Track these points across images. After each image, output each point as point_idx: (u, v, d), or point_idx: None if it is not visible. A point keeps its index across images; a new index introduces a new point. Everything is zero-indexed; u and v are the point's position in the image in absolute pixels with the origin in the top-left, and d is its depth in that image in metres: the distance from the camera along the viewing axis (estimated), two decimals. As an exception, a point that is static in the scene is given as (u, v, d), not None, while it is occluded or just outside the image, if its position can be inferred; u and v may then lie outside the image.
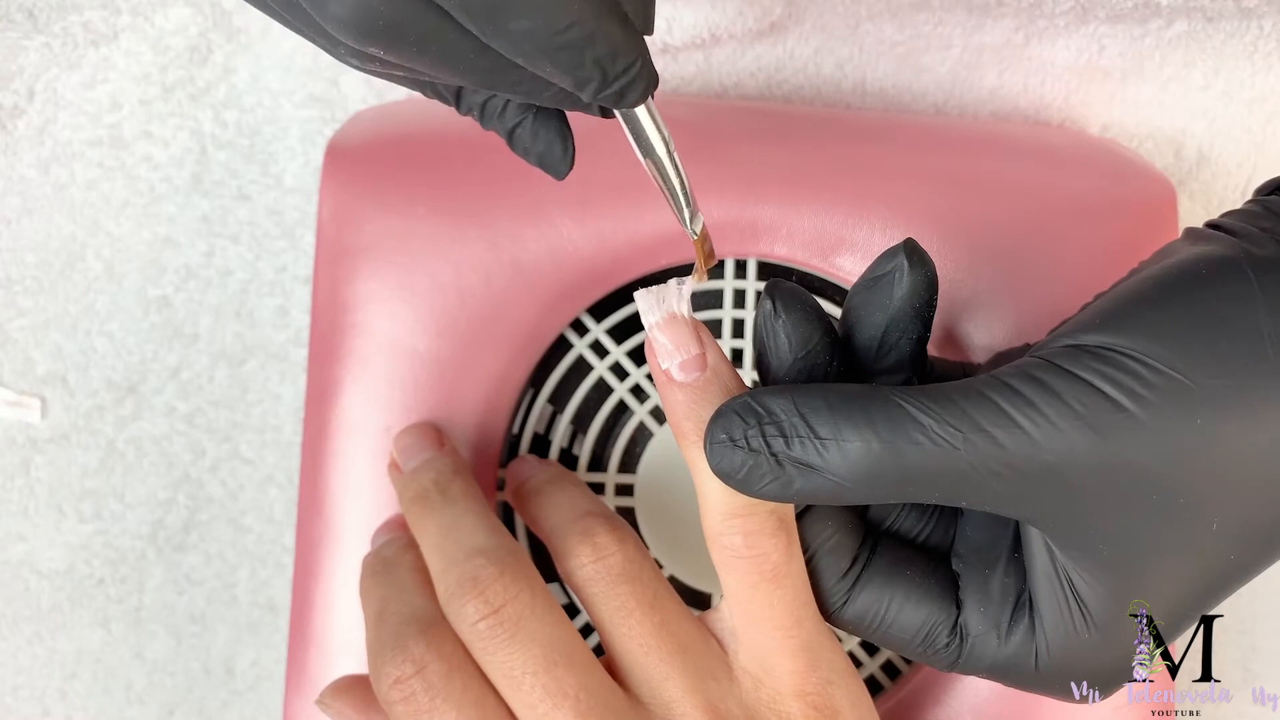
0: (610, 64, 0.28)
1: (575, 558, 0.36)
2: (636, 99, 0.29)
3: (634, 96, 0.29)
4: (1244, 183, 0.49)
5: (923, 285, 0.33)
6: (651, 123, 0.32)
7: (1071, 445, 0.30)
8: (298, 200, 0.49)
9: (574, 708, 0.33)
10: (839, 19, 0.47)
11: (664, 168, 0.33)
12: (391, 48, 0.27)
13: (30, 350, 0.49)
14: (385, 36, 0.27)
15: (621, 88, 0.28)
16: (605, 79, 0.28)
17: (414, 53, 0.28)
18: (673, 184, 0.33)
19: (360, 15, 0.27)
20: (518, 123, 0.33)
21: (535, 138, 0.33)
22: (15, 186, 0.49)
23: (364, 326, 0.42)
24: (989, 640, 0.34)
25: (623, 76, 0.28)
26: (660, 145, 0.32)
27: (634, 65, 0.28)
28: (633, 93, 0.29)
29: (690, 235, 0.34)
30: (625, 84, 0.28)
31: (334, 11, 0.27)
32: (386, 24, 0.27)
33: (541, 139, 0.33)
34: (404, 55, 0.28)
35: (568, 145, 0.33)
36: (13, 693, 0.49)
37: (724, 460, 0.31)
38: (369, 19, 0.27)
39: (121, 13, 0.48)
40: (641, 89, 0.29)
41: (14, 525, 0.49)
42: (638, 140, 0.32)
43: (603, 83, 0.28)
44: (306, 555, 0.43)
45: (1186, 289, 0.31)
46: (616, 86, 0.28)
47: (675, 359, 0.33)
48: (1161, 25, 0.46)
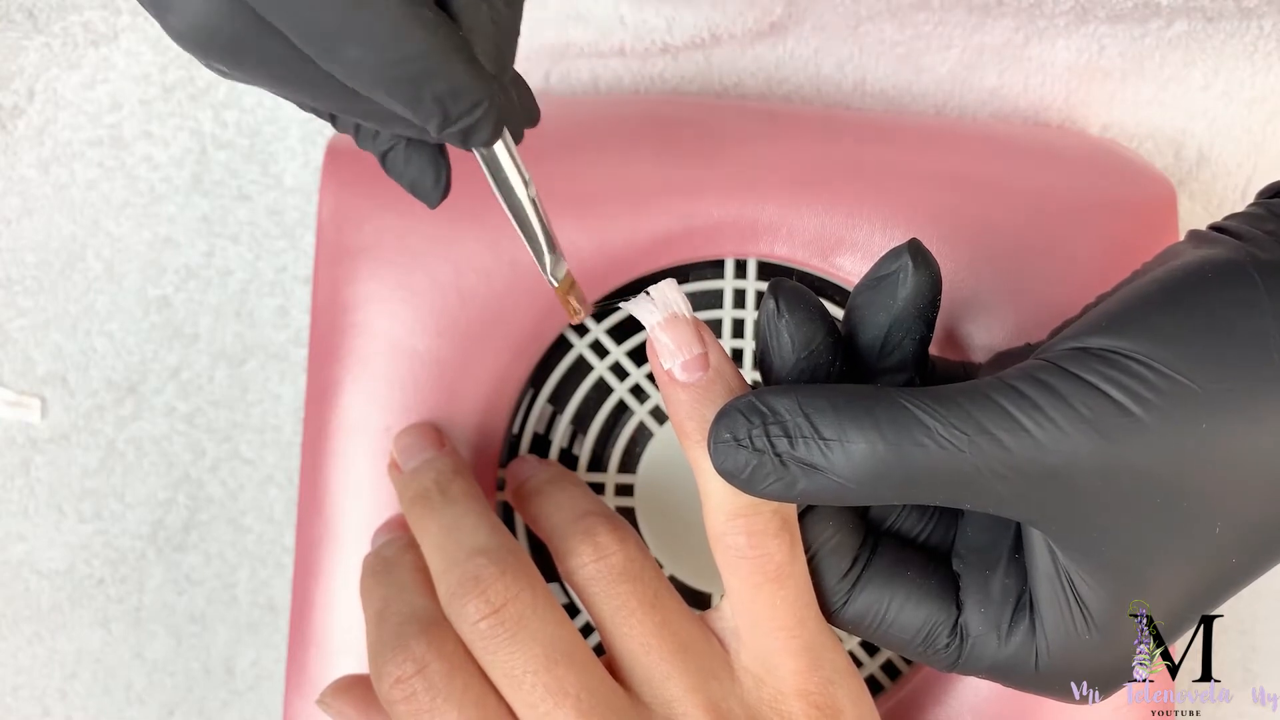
0: (451, 103, 0.27)
1: (576, 557, 0.36)
2: (484, 140, 0.29)
3: (480, 138, 0.28)
4: (1244, 183, 0.49)
5: (927, 286, 0.33)
6: (511, 163, 0.31)
7: (1076, 448, 0.30)
8: (298, 200, 0.49)
9: (575, 707, 0.33)
10: (839, 19, 0.47)
11: (522, 211, 0.32)
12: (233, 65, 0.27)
13: (30, 350, 0.49)
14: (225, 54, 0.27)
15: (465, 128, 0.28)
16: (447, 117, 0.28)
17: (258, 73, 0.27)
18: (532, 228, 0.32)
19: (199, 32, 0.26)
20: (390, 147, 0.33)
21: (408, 163, 0.33)
22: (15, 186, 0.49)
23: (364, 326, 0.42)
24: (989, 641, 0.34)
25: (466, 116, 0.28)
26: (520, 187, 0.31)
27: (479, 106, 0.28)
28: (479, 134, 0.28)
29: (550, 283, 0.33)
30: (469, 125, 0.28)
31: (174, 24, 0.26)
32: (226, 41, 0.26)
33: (414, 165, 0.33)
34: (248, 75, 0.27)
35: (440, 173, 0.33)
36: (13, 693, 0.49)
37: (728, 460, 0.31)
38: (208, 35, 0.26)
39: (121, 13, 0.48)
40: (489, 131, 0.28)
41: (14, 525, 0.49)
42: (496, 180, 0.31)
43: (444, 120, 0.28)
44: (306, 555, 0.43)
45: (1192, 292, 0.31)
46: (460, 126, 0.28)
47: (678, 359, 0.33)
48: (1161, 25, 0.46)
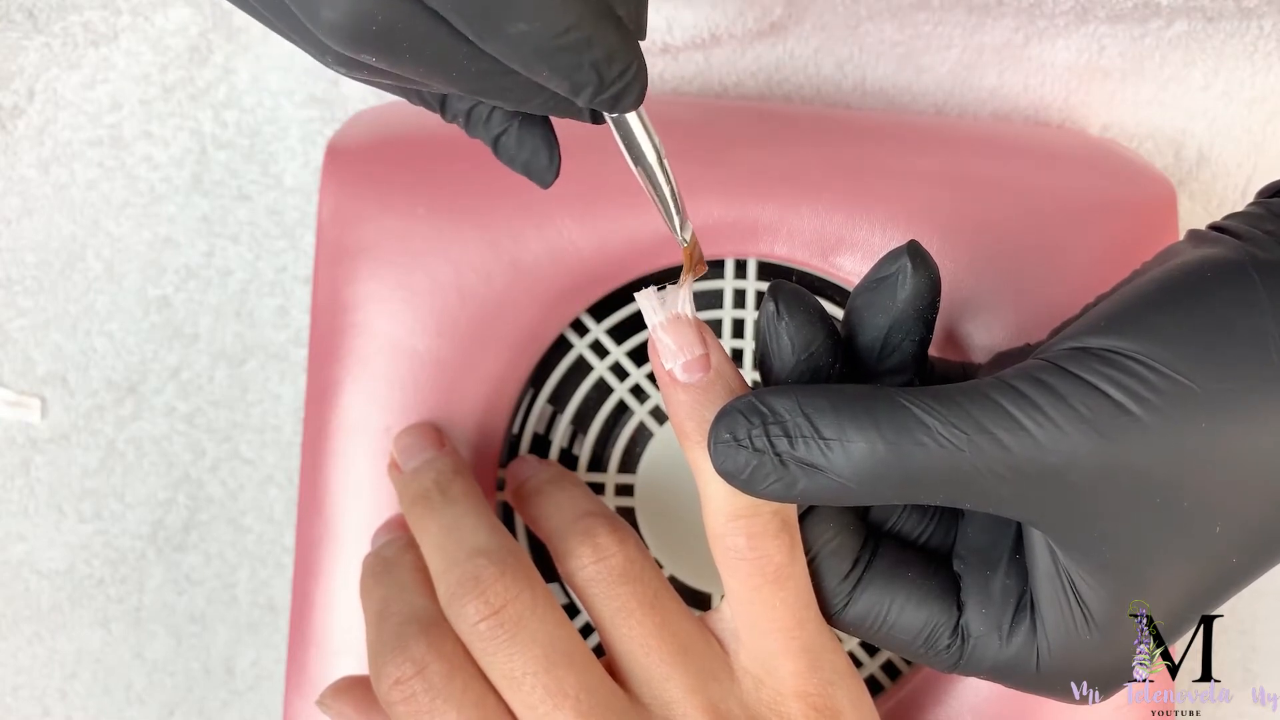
0: (607, 68, 0.27)
1: (576, 558, 0.36)
2: (632, 103, 0.29)
3: (629, 101, 0.29)
4: (1244, 183, 0.49)
5: (926, 288, 0.33)
6: (643, 129, 0.32)
7: (1076, 448, 0.30)
8: (298, 200, 0.49)
9: (574, 708, 0.33)
10: (839, 19, 0.47)
11: (655, 175, 0.32)
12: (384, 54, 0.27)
13: (30, 350, 0.49)
14: (378, 42, 0.27)
15: (618, 92, 0.28)
16: (602, 83, 0.28)
17: (407, 59, 0.27)
18: (663, 191, 0.33)
19: (353, 21, 0.26)
20: (503, 130, 0.33)
21: (521, 145, 0.33)
22: (15, 186, 0.49)
23: (364, 326, 0.42)
24: (990, 641, 0.34)
25: (619, 81, 0.28)
26: (651, 152, 0.32)
27: (630, 69, 0.28)
28: (628, 97, 0.28)
29: (680, 243, 0.34)
30: (621, 88, 0.28)
31: (326, 17, 0.26)
32: (380, 30, 0.26)
33: (527, 146, 0.33)
34: (396, 62, 0.27)
35: (553, 153, 0.33)
36: (13, 693, 0.49)
37: (728, 460, 0.31)
38: (362, 24, 0.26)
39: (121, 13, 0.48)
40: (637, 93, 0.29)
41: (14, 525, 0.49)
42: (629, 147, 0.32)
43: (599, 87, 0.28)
44: (306, 555, 0.43)
45: (1191, 292, 0.31)
46: (613, 90, 0.28)
47: (679, 359, 0.33)
48: (1161, 25, 0.46)
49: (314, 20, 0.26)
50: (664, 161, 0.32)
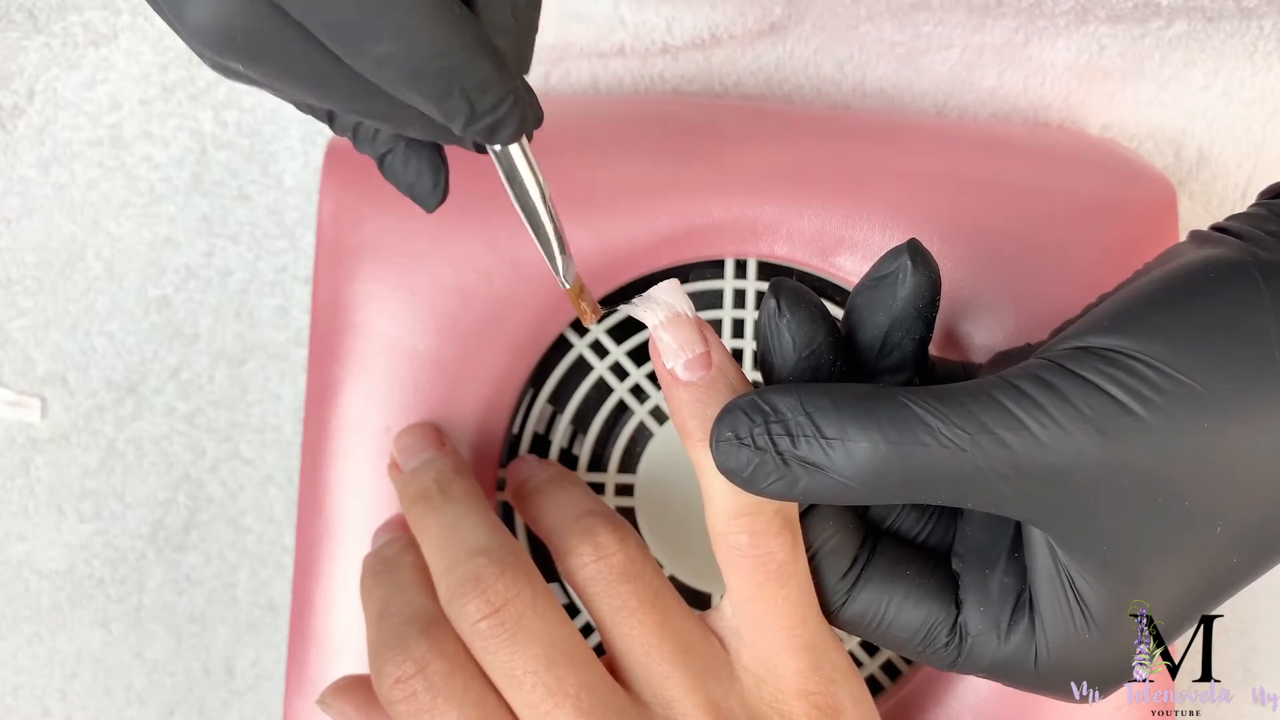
0: (479, 97, 0.27)
1: (576, 557, 0.36)
2: (509, 136, 0.29)
3: (506, 134, 0.28)
4: (1244, 183, 0.49)
5: (926, 286, 0.33)
6: (525, 164, 0.31)
7: (1078, 448, 0.30)
8: (298, 200, 0.49)
9: (575, 707, 0.33)
10: (839, 19, 0.47)
11: (537, 213, 0.32)
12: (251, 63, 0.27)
13: (30, 350, 0.49)
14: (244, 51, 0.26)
15: (492, 124, 0.28)
16: (474, 113, 0.28)
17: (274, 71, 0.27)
18: (545, 231, 0.32)
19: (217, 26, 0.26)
20: (388, 150, 0.33)
21: (406, 167, 0.33)
22: (15, 186, 0.49)
23: (364, 326, 0.42)
24: (989, 640, 0.34)
25: (492, 112, 0.28)
26: (534, 189, 0.31)
27: (504, 101, 0.28)
28: (504, 130, 0.28)
29: (563, 285, 0.33)
30: (495, 120, 0.28)
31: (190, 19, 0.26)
32: (245, 38, 0.26)
33: (412, 168, 0.33)
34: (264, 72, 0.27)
35: (439, 177, 0.33)
36: (13, 693, 0.49)
37: (730, 458, 0.31)
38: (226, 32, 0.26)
39: (121, 13, 0.48)
40: (514, 127, 0.28)
41: (14, 525, 0.49)
42: (510, 181, 0.31)
43: (470, 117, 0.28)
44: (306, 555, 0.43)
45: (1194, 293, 0.31)
46: (486, 121, 0.28)
47: (680, 358, 0.33)
48: (1161, 25, 0.46)
49: (180, 21, 0.26)
50: (547, 199, 0.32)
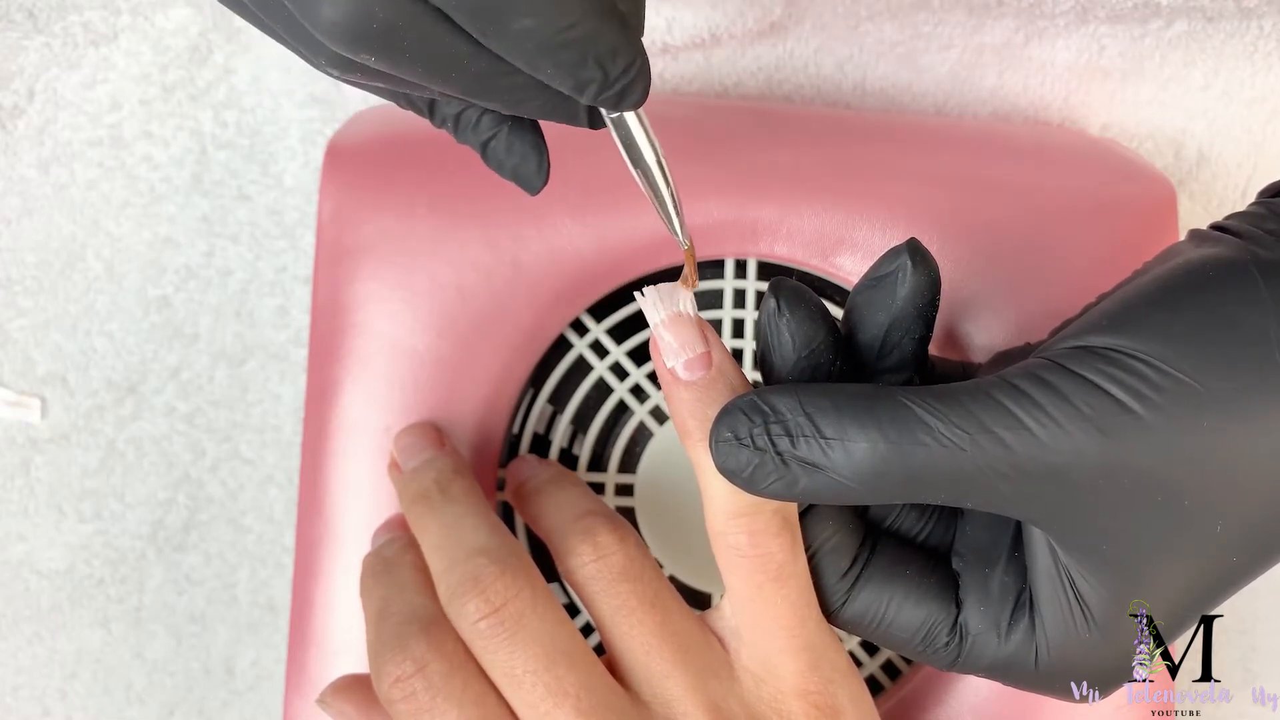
0: (611, 63, 0.27)
1: (576, 557, 0.36)
2: (637, 100, 0.29)
3: (634, 98, 0.28)
4: (1244, 183, 0.49)
5: (926, 285, 0.33)
6: (642, 130, 0.31)
7: (1078, 447, 0.30)
8: (298, 200, 0.49)
9: (575, 706, 0.33)
10: (839, 19, 0.47)
11: (654, 178, 0.32)
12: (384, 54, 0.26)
13: (30, 350, 0.49)
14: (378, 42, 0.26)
15: (622, 89, 0.28)
16: (606, 79, 0.27)
17: (406, 60, 0.27)
18: (663, 194, 0.32)
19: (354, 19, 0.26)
20: (492, 135, 0.33)
21: (510, 151, 0.33)
22: (15, 186, 0.49)
23: (364, 326, 0.42)
24: (989, 639, 0.34)
25: (623, 77, 0.28)
26: (650, 154, 0.32)
27: (634, 65, 0.28)
28: (633, 94, 0.28)
29: (681, 244, 0.34)
30: (626, 84, 0.28)
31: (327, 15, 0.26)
32: (380, 28, 0.26)
33: (516, 152, 0.33)
34: (395, 62, 0.27)
35: (543, 159, 0.33)
36: (13, 693, 0.49)
37: (729, 459, 0.31)
38: (363, 23, 0.26)
39: (121, 13, 0.48)
40: (641, 90, 0.28)
41: (14, 525, 0.49)
42: (628, 149, 0.32)
43: (603, 84, 0.28)
44: (306, 555, 0.43)
45: (1194, 291, 0.31)
46: (618, 87, 0.28)
47: (680, 357, 0.33)
48: (1161, 25, 0.46)
49: (314, 19, 0.26)
50: (664, 163, 0.32)
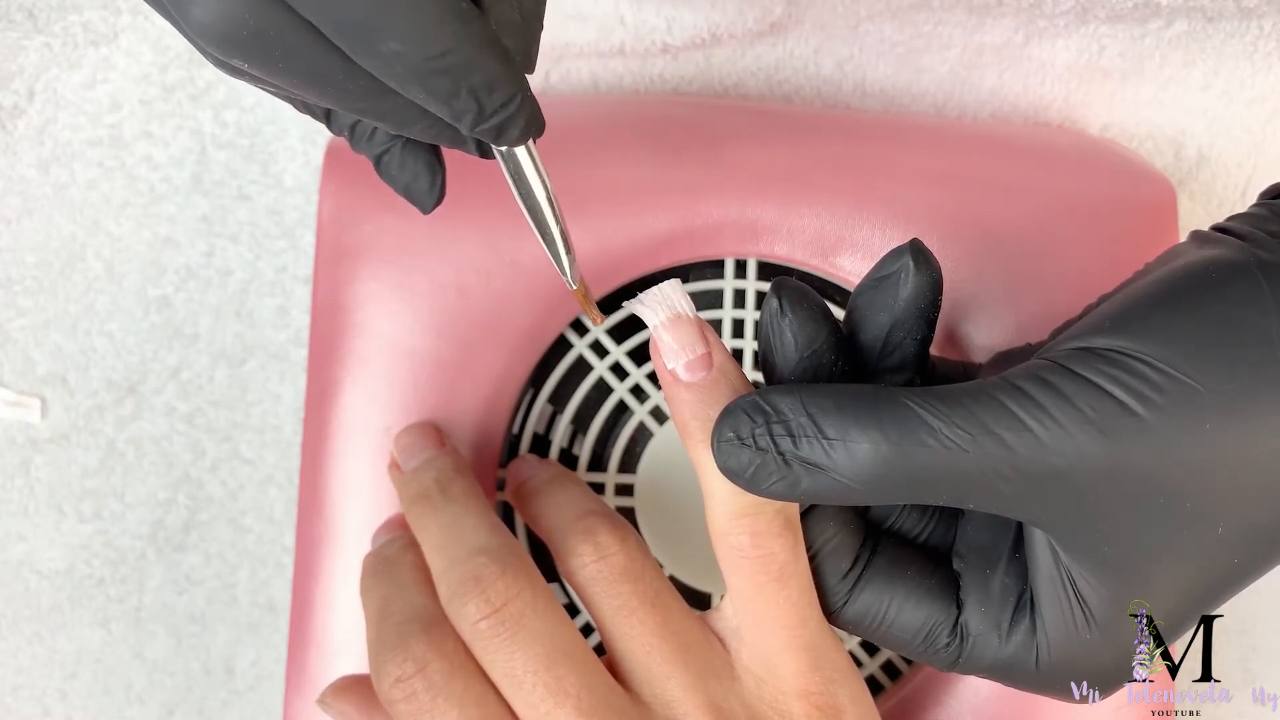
0: (487, 96, 0.27)
1: (577, 557, 0.36)
2: (516, 137, 0.28)
3: (513, 134, 0.28)
4: (1244, 183, 0.49)
5: (928, 286, 0.33)
6: (532, 166, 0.31)
7: (1080, 448, 0.30)
8: (298, 200, 0.49)
9: (575, 706, 0.33)
10: (839, 19, 0.47)
11: (543, 216, 0.32)
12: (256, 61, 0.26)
13: (30, 350, 0.49)
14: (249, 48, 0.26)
15: (500, 123, 0.28)
16: (481, 112, 0.27)
17: (280, 69, 0.27)
18: (551, 233, 0.32)
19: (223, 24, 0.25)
20: (385, 150, 0.33)
21: (402, 167, 0.33)
22: (15, 186, 0.49)
23: (364, 326, 0.42)
24: (989, 640, 0.34)
25: (501, 111, 0.27)
26: (540, 190, 0.31)
27: (513, 100, 0.27)
28: (512, 129, 0.28)
29: (569, 285, 0.33)
30: (504, 119, 0.28)
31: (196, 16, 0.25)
32: (251, 35, 0.26)
33: (409, 169, 0.33)
34: (269, 70, 0.27)
35: (436, 178, 0.33)
36: (13, 693, 0.49)
37: (731, 459, 0.31)
38: (233, 29, 0.25)
39: (121, 13, 0.48)
40: (521, 126, 0.28)
41: (14, 525, 0.49)
42: (516, 184, 0.31)
43: (479, 116, 0.27)
44: (306, 555, 0.43)
45: (1196, 293, 0.31)
46: (495, 121, 0.28)
47: (681, 359, 0.33)
48: (1161, 25, 0.46)
49: (185, 18, 0.26)
50: (554, 201, 0.31)
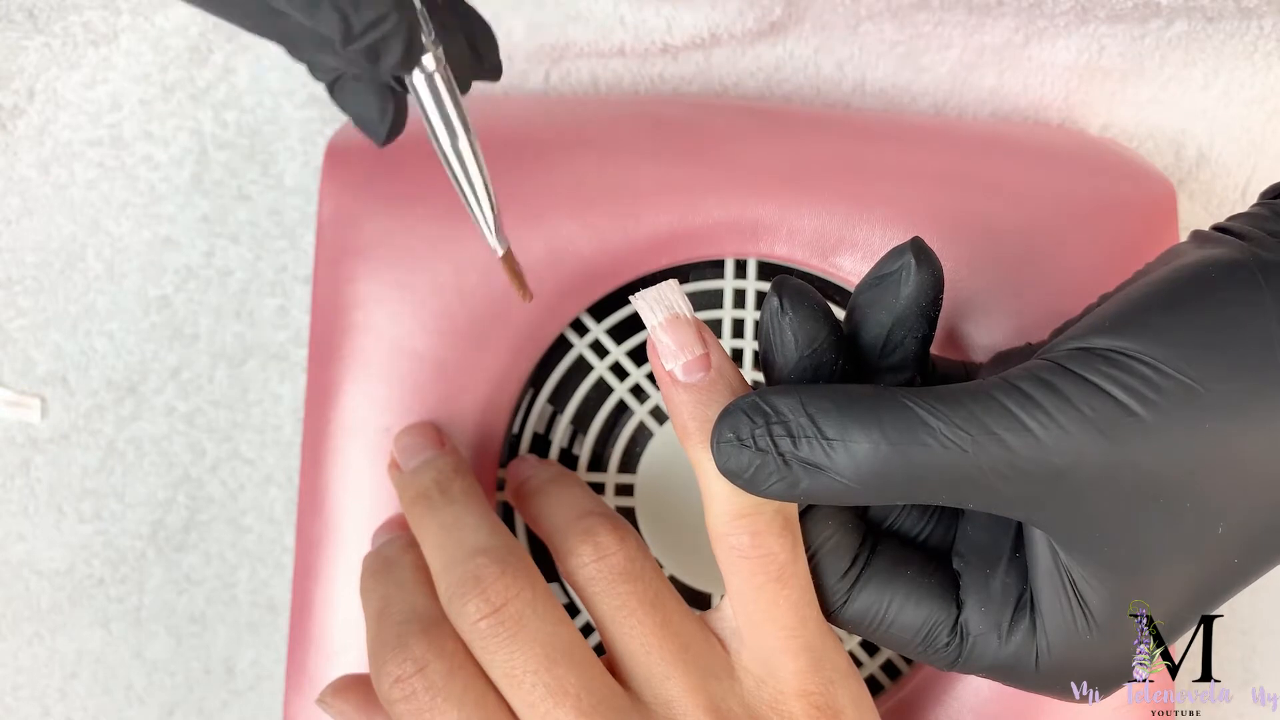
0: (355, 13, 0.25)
1: (577, 557, 0.36)
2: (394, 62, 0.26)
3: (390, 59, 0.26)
4: (1244, 183, 0.49)
5: (929, 284, 0.33)
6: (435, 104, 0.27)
7: (1080, 449, 0.30)
8: (298, 200, 0.49)
9: (575, 706, 0.33)
10: (839, 19, 0.47)
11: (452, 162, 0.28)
12: None
13: (30, 350, 0.49)
14: None
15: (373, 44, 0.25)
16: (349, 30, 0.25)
17: None
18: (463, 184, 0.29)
19: None
20: (336, 77, 0.31)
21: (352, 96, 0.30)
22: (15, 186, 0.49)
23: (364, 326, 0.42)
24: (989, 640, 0.34)
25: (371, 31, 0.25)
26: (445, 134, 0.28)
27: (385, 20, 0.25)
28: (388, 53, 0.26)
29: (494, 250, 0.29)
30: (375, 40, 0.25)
31: None
32: None
33: (359, 98, 0.30)
34: None
35: (386, 106, 0.30)
36: (13, 693, 0.49)
37: (731, 459, 0.31)
38: None
39: (121, 13, 0.48)
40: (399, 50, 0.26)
41: (14, 525, 0.49)
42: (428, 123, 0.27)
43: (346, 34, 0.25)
44: (306, 555, 0.43)
45: (1196, 293, 0.31)
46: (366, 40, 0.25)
47: (679, 360, 0.33)
48: (1161, 25, 0.46)
49: None
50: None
